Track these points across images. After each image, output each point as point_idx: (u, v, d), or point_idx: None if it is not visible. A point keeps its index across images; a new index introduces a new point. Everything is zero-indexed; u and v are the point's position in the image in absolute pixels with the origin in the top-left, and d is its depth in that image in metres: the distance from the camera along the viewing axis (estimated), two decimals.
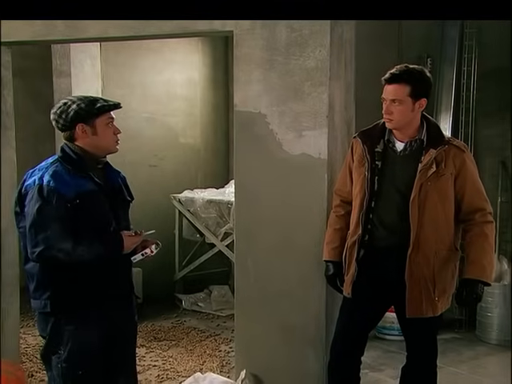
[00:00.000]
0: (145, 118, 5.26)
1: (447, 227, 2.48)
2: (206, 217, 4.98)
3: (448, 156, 2.44)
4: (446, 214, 2.46)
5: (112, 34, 2.95)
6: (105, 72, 4.95)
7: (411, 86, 2.40)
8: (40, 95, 5.37)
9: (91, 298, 2.21)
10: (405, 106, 2.41)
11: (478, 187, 2.50)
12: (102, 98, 2.30)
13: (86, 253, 2.13)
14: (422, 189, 2.42)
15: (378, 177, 2.49)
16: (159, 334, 4.33)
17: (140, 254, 2.29)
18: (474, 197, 2.49)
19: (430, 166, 2.41)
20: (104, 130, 2.25)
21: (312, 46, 2.77)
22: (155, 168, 5.34)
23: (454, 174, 2.45)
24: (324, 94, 2.79)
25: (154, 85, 5.32)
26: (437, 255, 2.46)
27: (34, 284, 2.21)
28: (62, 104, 2.25)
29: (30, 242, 2.13)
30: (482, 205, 2.49)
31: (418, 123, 2.49)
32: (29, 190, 2.16)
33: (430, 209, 2.43)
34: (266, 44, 2.83)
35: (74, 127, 2.23)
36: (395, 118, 2.43)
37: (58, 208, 2.11)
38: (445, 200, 2.45)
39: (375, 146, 2.51)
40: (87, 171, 2.23)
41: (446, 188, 2.44)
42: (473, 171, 2.49)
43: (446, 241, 2.48)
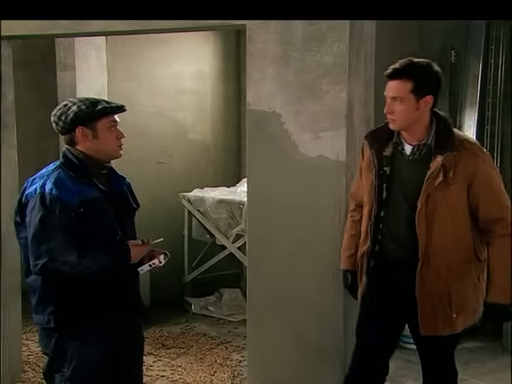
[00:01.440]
0: (152, 113, 5.20)
1: (461, 239, 2.32)
2: (217, 217, 4.93)
3: (459, 162, 2.26)
4: (459, 226, 2.31)
5: (118, 28, 2.91)
6: (111, 64, 4.90)
7: (414, 81, 2.24)
8: (43, 89, 5.34)
9: (96, 313, 2.17)
10: (407, 104, 2.25)
11: (497, 194, 2.31)
12: (104, 100, 2.26)
13: (92, 264, 2.09)
14: (429, 199, 2.27)
15: (387, 184, 2.36)
16: (167, 340, 4.30)
17: (147, 265, 2.25)
18: (492, 205, 2.30)
19: (438, 175, 2.25)
20: (106, 134, 2.19)
21: (330, 40, 2.70)
22: (163, 165, 5.29)
23: (467, 182, 2.28)
24: (342, 93, 2.72)
25: (163, 78, 5.26)
26: (450, 269, 2.32)
27: (36, 298, 2.18)
28: (62, 106, 2.21)
29: (32, 254, 2.09)
30: (503, 215, 2.30)
31: (427, 123, 2.31)
32: (30, 198, 2.12)
33: (440, 220, 2.29)
34: (280, 39, 2.76)
35: (74, 130, 2.18)
36: (397, 117, 2.28)
37: (61, 217, 2.07)
38: (455, 211, 2.29)
39: (383, 150, 2.37)
40: (91, 177, 2.18)
41: (456, 198, 2.28)
42: (490, 176, 2.30)
43: (462, 253, 2.33)
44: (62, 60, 4.66)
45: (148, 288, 4.57)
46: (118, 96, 4.88)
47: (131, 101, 4.99)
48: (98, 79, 4.81)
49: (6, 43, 3.20)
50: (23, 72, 5.01)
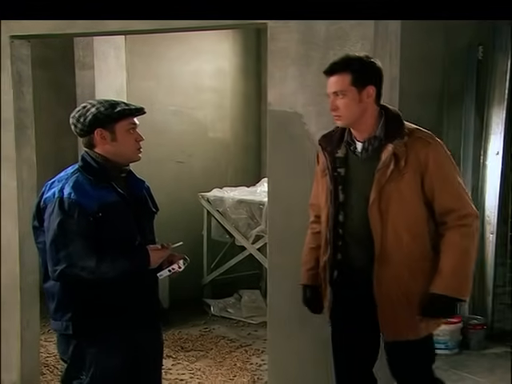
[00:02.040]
0: (171, 112, 5.21)
1: (417, 234, 2.22)
2: (236, 218, 4.91)
3: (410, 151, 2.19)
4: (414, 219, 2.21)
5: (136, 28, 2.88)
6: (129, 63, 4.91)
7: (352, 73, 2.20)
8: (62, 87, 5.37)
9: (115, 319, 2.16)
10: (349, 97, 2.20)
11: (449, 184, 2.22)
12: (123, 102, 2.24)
13: (111, 270, 2.08)
14: (382, 191, 2.19)
15: (342, 186, 2.28)
16: (186, 343, 4.30)
17: (167, 270, 2.23)
18: (444, 195, 2.21)
19: (389, 164, 2.18)
20: (124, 137, 2.18)
21: (353, 39, 2.66)
22: (183, 164, 5.29)
23: (419, 171, 2.19)
24: None
25: (182, 76, 5.26)
26: (407, 267, 2.22)
27: (54, 304, 2.17)
28: (81, 107, 2.20)
29: (50, 259, 2.09)
30: (456, 205, 2.21)
31: (374, 116, 2.26)
32: (48, 203, 2.12)
33: (394, 214, 2.20)
34: (302, 38, 2.73)
35: (92, 132, 2.17)
36: (342, 113, 2.22)
37: (79, 222, 2.06)
38: (410, 203, 2.20)
39: (336, 152, 2.31)
40: (109, 181, 2.17)
41: (410, 189, 2.20)
42: (442, 165, 2.22)
43: (419, 249, 2.23)
44: (81, 59, 4.68)
45: (167, 289, 4.58)
46: (137, 95, 4.90)
47: (150, 99, 5.01)
48: (116, 78, 4.82)
49: (26, 42, 3.21)
50: (42, 71, 5.04)
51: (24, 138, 3.24)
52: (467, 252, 2.22)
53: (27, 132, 3.26)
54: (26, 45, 3.22)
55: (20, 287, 3.19)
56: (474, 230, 2.23)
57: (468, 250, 2.22)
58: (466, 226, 2.21)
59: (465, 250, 2.21)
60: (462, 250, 2.20)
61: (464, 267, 2.22)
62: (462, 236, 2.20)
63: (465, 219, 2.21)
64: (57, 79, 5.44)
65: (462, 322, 4.12)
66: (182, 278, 5.01)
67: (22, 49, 3.19)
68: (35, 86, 3.37)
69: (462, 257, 2.21)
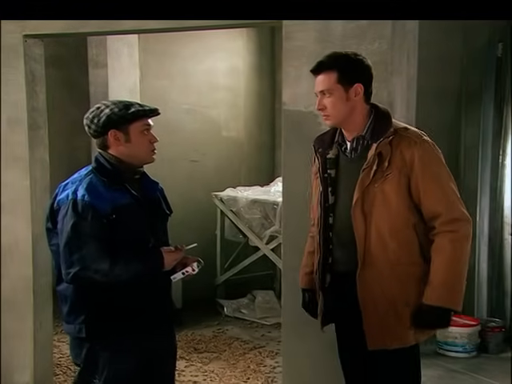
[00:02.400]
0: (185, 110, 5.20)
1: (403, 237, 2.13)
2: (250, 218, 4.90)
3: (395, 150, 2.11)
4: (399, 222, 2.12)
5: (151, 26, 2.87)
6: (143, 62, 4.92)
7: (338, 71, 2.15)
8: (75, 86, 5.39)
9: (128, 322, 2.15)
10: (336, 95, 2.15)
11: (438, 186, 2.12)
12: (138, 103, 2.23)
13: (124, 272, 2.08)
14: (366, 192, 2.12)
15: (332, 188, 2.24)
16: (200, 344, 4.29)
17: (180, 273, 2.22)
18: (432, 199, 2.11)
19: (373, 164, 2.11)
20: (138, 138, 2.17)
21: (370, 37, 2.63)
22: (196, 164, 5.29)
23: (405, 172, 2.11)
24: (383, 92, 2.63)
25: (195, 74, 5.25)
26: (395, 271, 2.14)
27: (67, 307, 2.17)
28: (94, 108, 2.19)
29: (64, 262, 2.09)
30: (443, 209, 2.10)
31: (364, 115, 2.19)
32: (61, 205, 2.11)
33: (378, 217, 2.13)
34: (318, 36, 2.70)
35: (106, 133, 2.16)
36: (330, 112, 2.17)
37: (93, 224, 2.06)
38: (394, 206, 2.11)
39: (327, 153, 2.26)
40: (123, 183, 2.16)
41: (394, 190, 2.11)
42: (430, 166, 2.12)
43: (406, 253, 2.14)
44: (94, 57, 4.69)
45: (180, 289, 4.58)
46: (151, 93, 4.90)
47: (163, 98, 5.01)
48: (130, 77, 4.82)
49: (39, 42, 3.21)
50: (55, 69, 5.06)
51: (37, 138, 3.25)
52: (457, 260, 2.12)
53: (40, 132, 3.27)
54: (40, 44, 3.22)
55: (33, 289, 3.20)
56: (463, 235, 2.12)
57: (458, 257, 2.12)
58: (454, 231, 2.10)
59: (454, 257, 2.11)
60: (452, 258, 2.10)
61: (454, 276, 2.12)
62: (450, 242, 2.10)
63: (453, 224, 2.10)
64: (70, 78, 5.45)
65: (480, 325, 4.08)
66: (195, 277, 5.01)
67: (35, 48, 3.19)
68: (48, 85, 3.38)
69: (452, 265, 2.11)
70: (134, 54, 4.85)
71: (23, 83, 3.14)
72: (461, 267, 2.13)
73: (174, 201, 2.43)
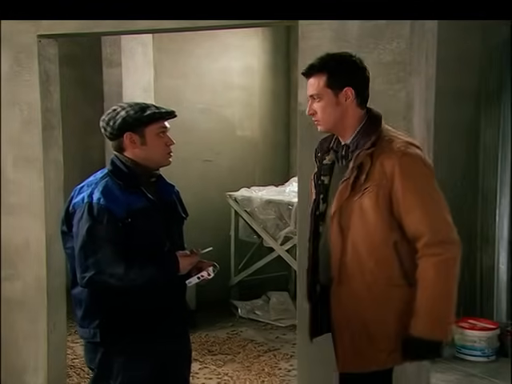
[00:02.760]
0: (199, 110, 5.20)
1: (382, 256, 1.99)
2: (265, 218, 4.88)
3: (376, 162, 1.98)
4: (377, 239, 1.98)
5: (165, 26, 2.86)
6: (157, 60, 4.92)
7: (327, 74, 2.05)
8: (89, 85, 5.40)
9: (143, 326, 2.14)
10: (325, 100, 2.06)
11: (421, 204, 1.94)
12: (154, 105, 2.22)
13: (139, 276, 2.07)
14: (345, 205, 2.01)
15: (324, 195, 2.15)
16: (214, 346, 4.29)
17: (196, 277, 2.20)
18: (413, 218, 1.95)
19: (351, 176, 2.01)
20: (154, 141, 2.16)
21: (388, 37, 2.59)
22: (210, 163, 5.28)
23: (386, 187, 1.96)
24: (401, 92, 2.60)
25: (210, 73, 5.24)
26: (371, 292, 2.01)
27: (81, 311, 2.17)
28: (111, 111, 2.19)
29: (79, 266, 2.09)
30: (425, 230, 1.93)
31: (356, 121, 2.08)
32: (77, 208, 2.11)
33: (355, 233, 2.00)
34: (335, 36, 2.67)
35: (121, 136, 2.16)
36: (320, 117, 2.09)
37: (108, 228, 2.05)
38: (372, 223, 1.98)
39: (324, 158, 2.18)
40: (139, 186, 2.16)
41: (371, 207, 1.97)
42: (413, 181, 1.96)
43: (387, 275, 2.00)
44: (108, 56, 4.70)
45: (194, 291, 4.57)
46: (165, 93, 4.90)
47: (178, 97, 5.01)
48: (144, 76, 4.83)
49: (53, 42, 3.21)
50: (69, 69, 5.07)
51: (51, 139, 3.25)
52: (441, 286, 1.95)
53: (54, 132, 3.27)
54: (54, 44, 3.22)
55: (46, 290, 3.21)
56: (449, 259, 1.95)
57: (442, 284, 1.95)
58: (438, 255, 1.93)
59: (438, 284, 1.94)
60: (436, 285, 1.94)
61: (439, 305, 1.95)
62: (434, 267, 1.93)
63: (437, 247, 1.94)
64: (84, 77, 5.47)
65: (499, 329, 4.03)
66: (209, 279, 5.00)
67: (49, 48, 3.19)
68: (62, 84, 3.38)
69: (436, 293, 1.94)
70: (148, 52, 4.85)
71: (37, 83, 3.14)
72: (447, 294, 1.97)
73: (187, 201, 2.42)
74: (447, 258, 1.95)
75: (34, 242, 3.22)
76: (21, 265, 3.25)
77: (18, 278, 3.26)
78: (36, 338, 3.24)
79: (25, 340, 3.27)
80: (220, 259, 4.84)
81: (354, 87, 2.08)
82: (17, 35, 3.13)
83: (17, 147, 3.21)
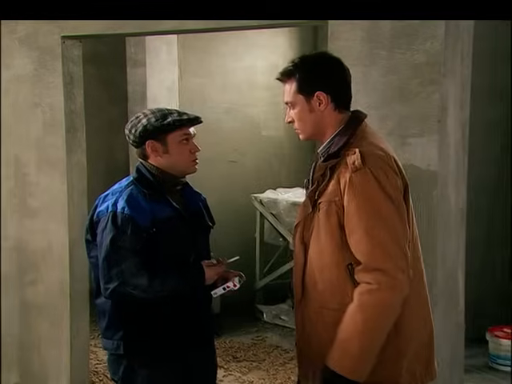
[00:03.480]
0: (224, 109, 5.18)
1: (333, 277, 1.84)
2: (290, 221, 4.82)
3: (334, 175, 1.86)
4: (327, 259, 1.85)
5: (191, 27, 2.83)
6: (182, 59, 4.91)
7: (297, 79, 1.93)
8: (113, 84, 5.42)
9: (168, 339, 2.12)
10: (298, 106, 1.93)
11: (363, 226, 1.78)
12: (177, 111, 2.18)
13: (164, 287, 2.05)
14: (309, 219, 1.89)
15: None
16: (238, 352, 4.26)
17: (221, 288, 2.17)
18: (354, 242, 1.80)
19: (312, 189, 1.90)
20: (177, 148, 2.13)
21: (422, 37, 2.53)
22: (235, 164, 5.26)
23: (336, 203, 1.83)
24: (435, 94, 2.54)
25: (235, 72, 5.22)
26: (321, 315, 1.88)
27: (105, 322, 2.16)
28: (134, 118, 2.17)
29: (102, 277, 2.07)
30: (362, 255, 1.78)
31: (335, 127, 1.94)
32: (101, 217, 2.10)
33: (312, 248, 1.89)
34: (366, 36, 2.61)
35: (144, 144, 2.14)
36: (298, 125, 1.97)
37: (133, 239, 2.03)
38: (323, 241, 1.85)
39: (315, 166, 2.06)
40: (164, 195, 2.13)
41: (323, 222, 1.85)
42: (360, 200, 1.80)
43: (335, 296, 1.85)
44: (133, 56, 4.70)
45: None
46: (189, 92, 4.90)
47: (202, 96, 5.00)
48: (168, 75, 4.82)
49: (77, 43, 3.21)
50: (92, 67, 5.09)
51: (74, 141, 3.25)
52: (359, 318, 1.76)
53: (78, 135, 3.27)
54: (78, 45, 3.22)
55: (69, 294, 3.22)
56: (379, 290, 1.75)
57: (362, 315, 1.76)
58: (367, 283, 1.76)
59: (356, 314, 1.77)
60: (353, 315, 1.77)
61: (351, 337, 1.77)
62: (359, 295, 1.77)
63: (368, 275, 1.77)
64: (108, 76, 5.49)
65: None
66: None
67: (73, 49, 3.20)
68: (85, 84, 3.38)
69: (351, 323, 1.78)
70: (173, 51, 4.85)
71: (61, 85, 3.14)
72: (364, 328, 1.76)
73: (211, 203, 2.39)
74: (375, 289, 1.75)
75: (56, 246, 3.23)
76: (44, 269, 3.27)
77: (41, 282, 3.27)
78: (59, 343, 3.26)
79: (47, 345, 3.28)
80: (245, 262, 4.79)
81: (327, 91, 1.94)
82: (41, 36, 3.14)
83: (40, 150, 3.22)
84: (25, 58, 3.19)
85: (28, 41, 3.17)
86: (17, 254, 3.30)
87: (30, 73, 3.19)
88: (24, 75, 3.21)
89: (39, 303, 3.28)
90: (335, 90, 1.97)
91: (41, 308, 3.27)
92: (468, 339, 3.12)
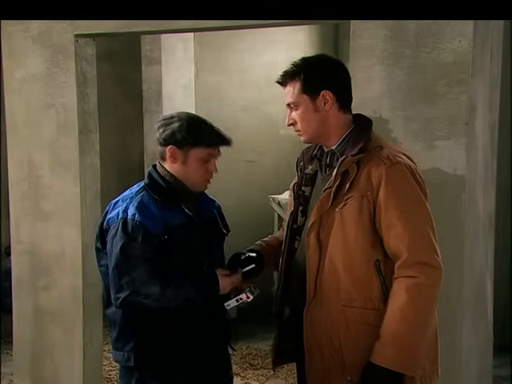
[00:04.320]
0: (242, 107, 5.14)
1: (362, 278, 1.87)
2: None
3: (362, 171, 1.88)
4: (357, 256, 1.87)
5: (207, 25, 2.79)
6: (198, 56, 4.88)
7: (301, 79, 1.98)
8: (127, 82, 5.41)
9: (180, 350, 2.09)
10: (303, 107, 1.98)
11: (403, 219, 1.82)
12: (212, 127, 2.12)
13: (176, 297, 2.02)
14: (326, 216, 1.91)
15: (303, 207, 2.06)
16: (255, 359, 4.23)
17: (234, 300, 2.13)
18: (392, 235, 1.84)
19: (334, 185, 1.91)
20: (195, 163, 2.11)
21: (449, 35, 2.47)
22: (252, 164, 5.22)
23: (370, 199, 1.86)
24: (463, 95, 2.49)
25: (253, 69, 5.18)
26: (344, 314, 1.89)
27: (115, 332, 2.14)
28: (168, 116, 2.14)
29: (113, 286, 2.05)
30: (402, 250, 1.82)
31: (339, 126, 2.00)
32: (111, 224, 2.07)
33: (333, 247, 1.90)
34: (390, 34, 2.56)
35: (166, 146, 2.11)
36: (301, 127, 2.00)
37: (144, 246, 2.00)
38: (351, 238, 1.87)
39: (307, 167, 2.10)
40: (177, 201, 2.11)
41: (353, 220, 1.87)
42: (398, 193, 1.84)
43: (364, 297, 1.88)
44: (148, 53, 4.68)
45: None
46: (206, 90, 4.86)
47: (219, 94, 4.96)
48: (184, 73, 4.80)
49: (91, 41, 3.19)
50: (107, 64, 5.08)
51: (88, 143, 3.23)
52: (412, 312, 1.81)
53: (91, 136, 3.25)
54: (91, 44, 3.20)
55: (82, 300, 3.20)
56: (426, 284, 1.81)
57: (414, 309, 1.81)
58: (414, 277, 1.80)
59: (409, 309, 1.81)
60: (405, 310, 1.81)
61: (407, 332, 1.81)
62: (407, 291, 1.80)
63: (414, 269, 1.81)
64: (122, 74, 5.48)
65: None
66: None
67: (86, 48, 3.17)
68: (99, 82, 3.35)
69: (405, 318, 1.81)
70: (189, 48, 4.83)
71: (74, 85, 3.12)
72: (417, 321, 1.82)
73: (228, 204, 2.37)
74: (422, 282, 1.81)
75: (69, 250, 3.21)
76: (57, 273, 3.25)
77: (54, 287, 3.26)
78: (71, 350, 3.24)
79: (60, 352, 3.27)
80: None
81: (333, 90, 1.99)
82: (54, 35, 3.12)
83: (52, 151, 3.20)
84: (38, 56, 3.18)
85: (41, 39, 3.16)
86: (30, 258, 3.29)
87: (42, 72, 3.18)
88: (37, 74, 3.19)
89: (52, 309, 3.26)
90: (340, 89, 2.02)
91: (54, 314, 3.26)
92: (495, 348, 3.06)
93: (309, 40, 5.43)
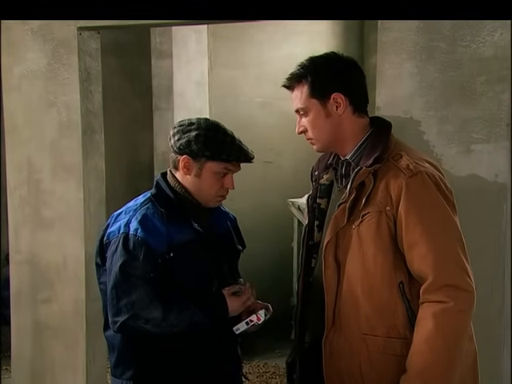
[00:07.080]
0: (259, 103, 5.07)
1: (384, 299, 1.79)
2: None
3: (380, 183, 1.79)
4: (377, 278, 1.78)
5: None
6: (212, 49, 4.81)
7: (309, 82, 1.89)
8: (135, 76, 5.38)
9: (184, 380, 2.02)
10: (313, 112, 1.89)
11: (427, 237, 1.73)
12: (233, 138, 2.03)
13: (180, 321, 1.93)
14: (342, 234, 1.83)
15: (319, 222, 1.98)
16: (273, 378, 4.18)
17: (244, 323, 2.03)
18: (416, 254, 1.74)
19: (349, 198, 1.83)
20: (210, 178, 2.03)
21: (489, 27, 2.42)
22: (270, 165, 5.15)
23: (390, 213, 1.77)
24: (505, 94, 2.44)
25: (271, 62, 5.10)
26: (366, 343, 1.81)
27: (114, 357, 2.07)
28: (186, 121, 2.06)
29: (111, 308, 1.98)
30: (429, 271, 1.72)
31: (355, 132, 1.91)
32: (112, 239, 2.00)
33: (352, 268, 1.81)
34: (423, 26, 2.50)
35: (180, 155, 2.04)
36: (312, 135, 1.92)
37: (145, 265, 1.93)
38: (370, 255, 1.78)
39: (322, 177, 2.04)
40: (185, 215, 2.03)
41: (371, 236, 1.78)
42: (421, 207, 1.75)
43: (386, 321, 1.79)
44: (158, 46, 4.63)
45: None
46: (220, 85, 4.80)
47: (234, 90, 4.90)
48: (197, 67, 4.74)
49: (95, 34, 3.13)
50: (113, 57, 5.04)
51: (92, 144, 3.18)
52: (440, 343, 1.70)
53: (95, 137, 3.20)
54: (96, 37, 3.14)
55: (85, 314, 3.15)
56: (455, 309, 1.70)
57: (441, 340, 1.70)
58: (442, 302, 1.70)
59: (436, 340, 1.70)
60: (432, 340, 1.70)
61: (434, 366, 1.71)
62: (434, 317, 1.70)
63: (442, 293, 1.71)
64: (130, 67, 5.45)
65: None
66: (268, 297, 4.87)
67: (90, 42, 3.12)
68: (106, 76, 3.29)
69: (432, 350, 1.70)
70: (203, 40, 4.76)
71: (77, 82, 3.07)
72: (447, 353, 1.71)
73: (244, 207, 2.30)
74: (451, 308, 1.70)
75: (72, 261, 3.16)
76: (58, 285, 3.20)
77: (55, 301, 3.21)
78: (74, 367, 3.20)
79: (61, 370, 3.23)
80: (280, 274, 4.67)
81: (344, 92, 1.89)
82: (55, 27, 3.07)
83: (54, 154, 3.15)
84: (38, 51, 3.13)
85: (41, 32, 3.11)
86: (29, 268, 3.24)
87: (43, 68, 3.13)
88: (37, 70, 3.14)
89: (53, 324, 3.22)
90: (353, 91, 1.92)
91: (55, 329, 3.21)
92: None
93: (332, 31, 5.35)
